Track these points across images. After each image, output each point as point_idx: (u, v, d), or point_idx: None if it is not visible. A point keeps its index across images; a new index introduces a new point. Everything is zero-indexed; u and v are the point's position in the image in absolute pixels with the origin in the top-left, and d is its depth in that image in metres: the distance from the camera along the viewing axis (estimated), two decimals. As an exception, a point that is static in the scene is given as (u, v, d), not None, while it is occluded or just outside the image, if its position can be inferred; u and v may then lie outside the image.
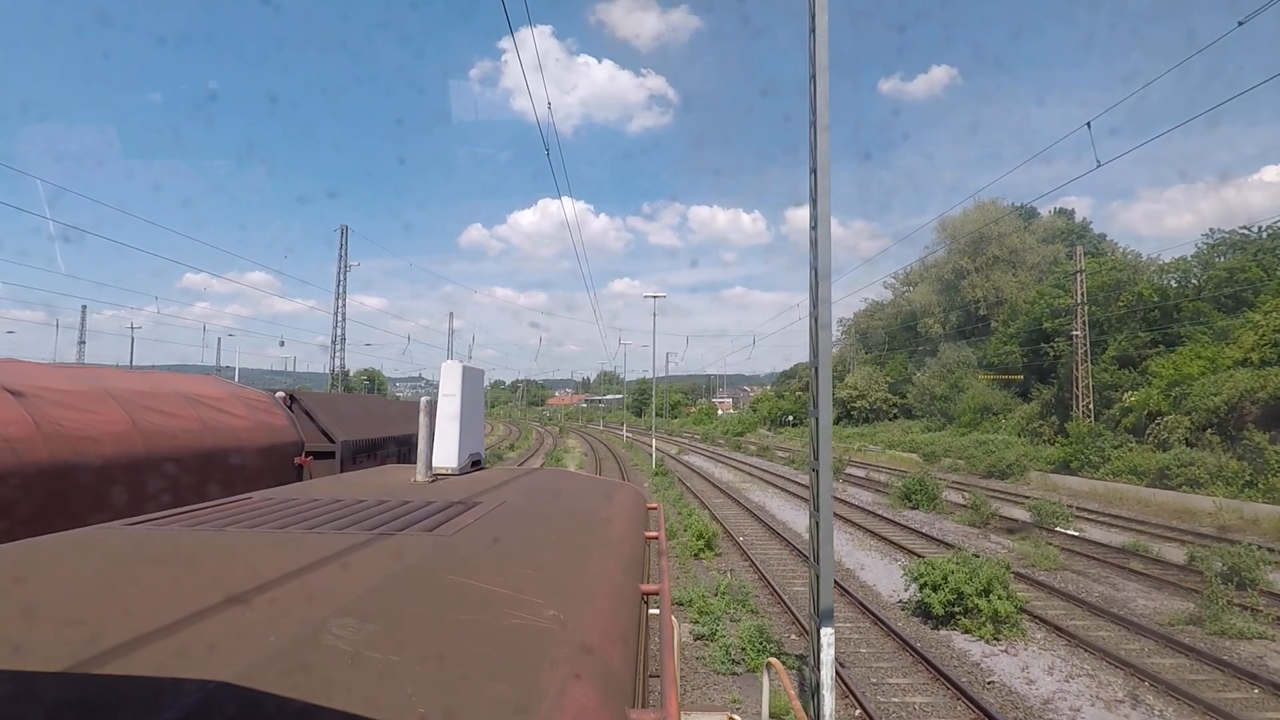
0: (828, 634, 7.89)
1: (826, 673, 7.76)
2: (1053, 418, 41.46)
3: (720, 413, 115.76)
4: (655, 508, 4.63)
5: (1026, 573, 15.85)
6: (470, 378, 4.69)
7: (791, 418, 77.84)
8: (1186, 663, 10.87)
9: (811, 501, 8.67)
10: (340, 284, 50.79)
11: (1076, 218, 66.15)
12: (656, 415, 75.18)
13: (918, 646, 11.33)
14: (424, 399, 4.20)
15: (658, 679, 2.19)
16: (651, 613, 3.25)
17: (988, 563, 13.02)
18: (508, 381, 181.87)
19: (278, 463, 7.15)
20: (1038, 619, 12.79)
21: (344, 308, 50.88)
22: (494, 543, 2.50)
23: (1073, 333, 38.99)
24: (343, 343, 51.49)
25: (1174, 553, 17.91)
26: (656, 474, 35.69)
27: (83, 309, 61.40)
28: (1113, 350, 40.20)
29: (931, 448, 45.66)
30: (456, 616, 1.67)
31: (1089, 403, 38.00)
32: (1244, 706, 9.40)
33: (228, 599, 1.60)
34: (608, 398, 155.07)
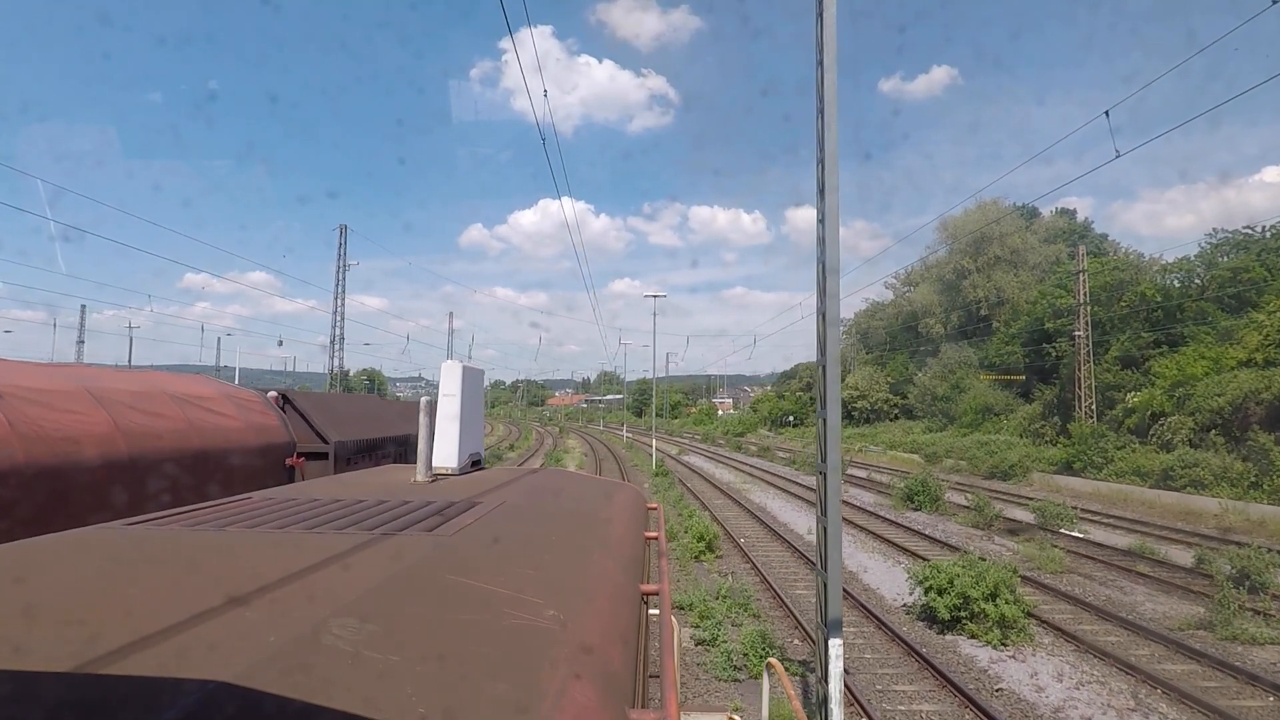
0: (836, 645, 7.57)
1: (835, 685, 7.44)
2: (1055, 418, 41.23)
3: (720, 413, 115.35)
4: (655, 508, 4.60)
5: (1032, 575, 15.64)
6: (470, 378, 4.68)
7: (792, 418, 77.68)
8: (1199, 669, 10.65)
9: (819, 506, 8.41)
10: (340, 283, 50.62)
11: (1078, 218, 66.04)
12: (657, 415, 75.03)
13: (924, 652, 11.13)
14: (424, 399, 4.17)
15: (658, 679, 2.16)
16: (651, 613, 3.23)
17: (994, 566, 12.80)
18: (508, 381, 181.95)
19: (269, 464, 6.96)
20: (1045, 623, 12.58)
21: (343, 307, 50.63)
22: (494, 543, 2.50)
23: (1075, 333, 38.76)
24: (342, 342, 51.28)
25: (1180, 555, 17.71)
26: (657, 474, 35.50)
27: (81, 309, 61.10)
28: (1115, 350, 40.01)
29: (933, 448, 45.49)
30: (456, 616, 1.68)
31: (1091, 403, 37.78)
32: (1261, 715, 9.19)
33: (228, 599, 1.60)
34: (608, 398, 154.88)
